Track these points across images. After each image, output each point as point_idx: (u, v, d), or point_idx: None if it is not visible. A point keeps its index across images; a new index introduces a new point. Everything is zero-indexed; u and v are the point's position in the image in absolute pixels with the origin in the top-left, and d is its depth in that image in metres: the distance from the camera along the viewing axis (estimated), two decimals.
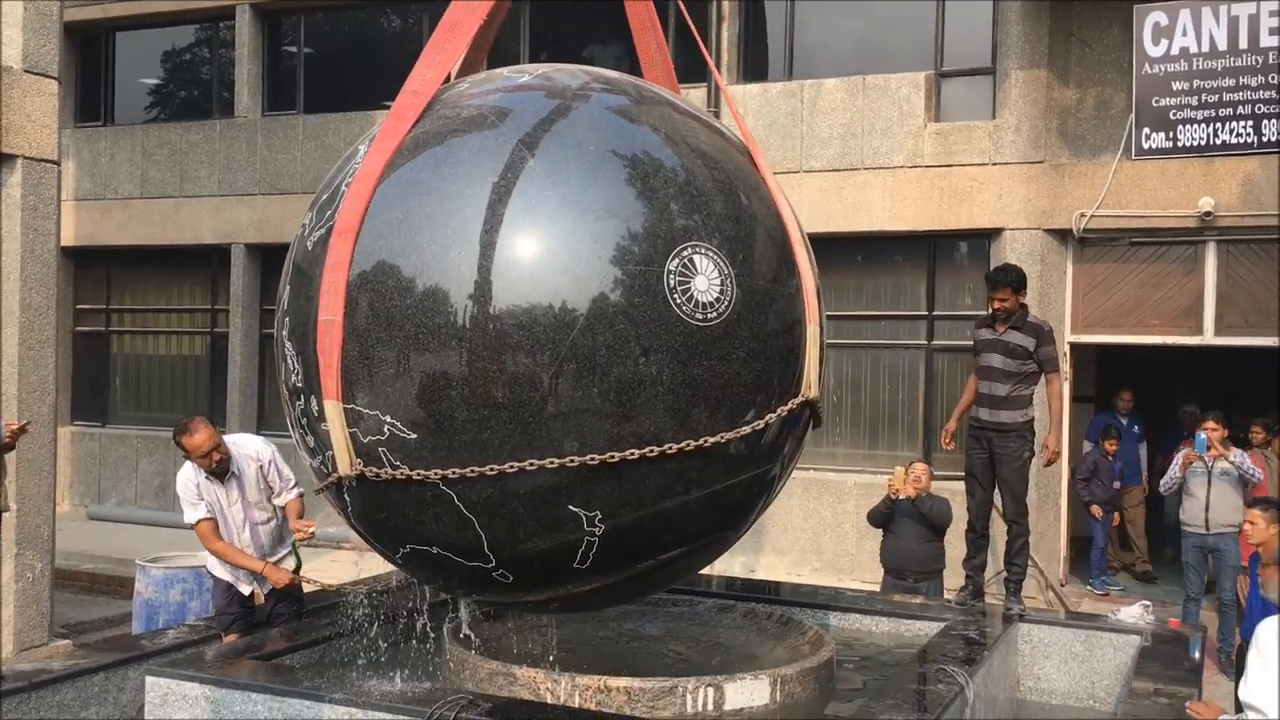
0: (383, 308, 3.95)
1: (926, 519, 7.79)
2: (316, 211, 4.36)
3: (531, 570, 4.20)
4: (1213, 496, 8.69)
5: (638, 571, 4.38)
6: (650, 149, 4.17)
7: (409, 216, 4.01)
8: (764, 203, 4.39)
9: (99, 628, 9.10)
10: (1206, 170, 10.02)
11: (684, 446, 3.93)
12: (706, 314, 3.96)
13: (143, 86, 15.73)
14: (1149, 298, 10.48)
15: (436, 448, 3.92)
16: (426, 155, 4.15)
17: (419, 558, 4.30)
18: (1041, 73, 10.64)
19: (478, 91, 4.48)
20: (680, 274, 3.94)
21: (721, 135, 4.58)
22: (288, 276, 4.45)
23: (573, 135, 4.12)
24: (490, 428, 3.87)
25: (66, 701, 4.86)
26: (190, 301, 15.13)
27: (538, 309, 3.83)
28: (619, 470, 3.90)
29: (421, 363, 3.91)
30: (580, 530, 4.02)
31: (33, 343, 7.74)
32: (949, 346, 11.21)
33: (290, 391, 4.38)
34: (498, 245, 3.89)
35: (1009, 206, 10.72)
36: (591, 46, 13.41)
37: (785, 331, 4.25)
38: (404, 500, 4.07)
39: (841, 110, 11.39)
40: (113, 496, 14.82)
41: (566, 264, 3.88)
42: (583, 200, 3.95)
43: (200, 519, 5.69)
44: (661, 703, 4.51)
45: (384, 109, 14.35)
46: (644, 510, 4.05)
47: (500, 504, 3.96)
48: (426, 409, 3.92)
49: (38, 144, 7.79)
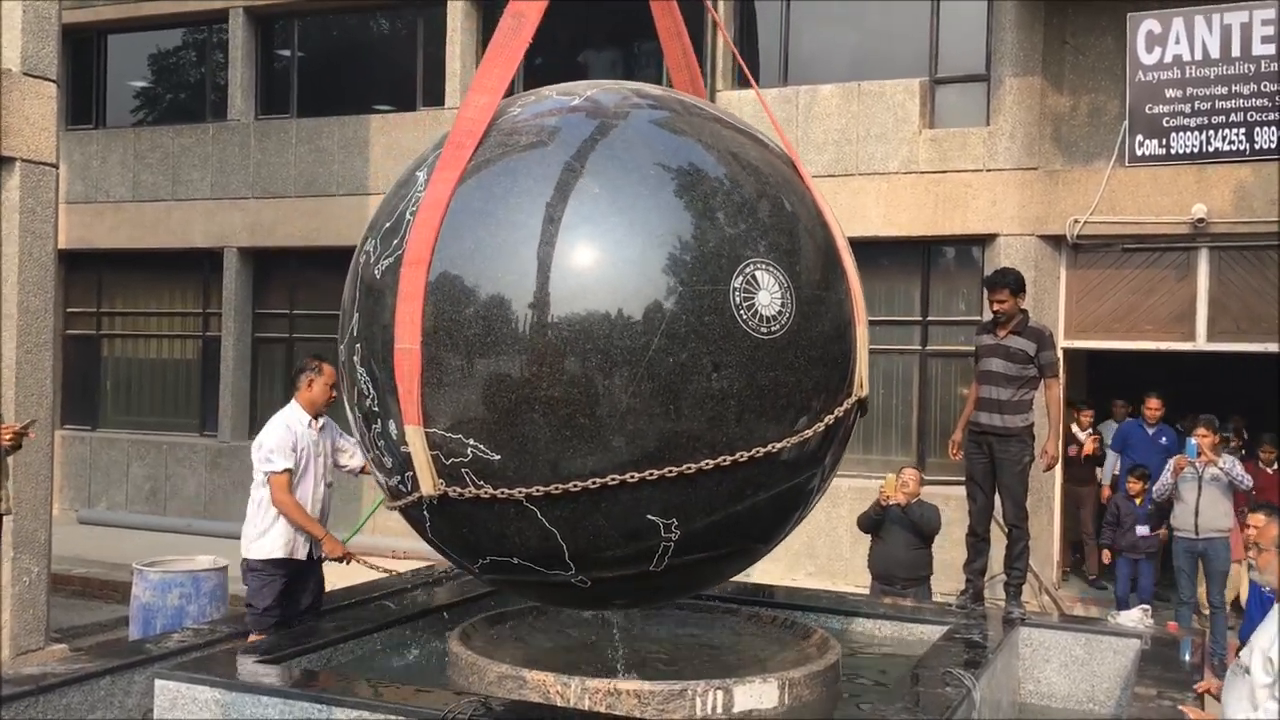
0: (460, 335, 4.09)
1: (915, 526, 7.82)
2: (381, 239, 4.44)
3: (609, 575, 4.38)
4: (1202, 502, 8.81)
5: (703, 570, 4.60)
6: (704, 166, 4.34)
7: (480, 247, 4.13)
8: (810, 212, 4.55)
9: (93, 632, 9.07)
10: (1199, 177, 10.10)
11: (754, 454, 4.14)
12: (770, 327, 4.14)
13: (134, 89, 15.69)
14: (1142, 304, 10.56)
15: (520, 467, 4.09)
16: (492, 184, 4.27)
17: (499, 567, 4.47)
18: (1035, 80, 10.71)
19: (531, 115, 4.56)
20: (745, 291, 4.11)
21: (766, 147, 4.72)
22: (355, 303, 4.52)
23: (631, 158, 4.26)
24: (572, 446, 4.04)
25: (73, 705, 4.84)
26: (182, 305, 15.08)
27: (613, 331, 4.00)
28: (695, 480, 4.09)
29: (500, 386, 4.07)
30: (658, 536, 4.19)
31: (30, 346, 7.70)
32: (943, 351, 11.26)
33: (365, 415, 4.50)
34: (570, 271, 4.05)
35: (1003, 212, 10.78)
36: (586, 51, 13.44)
37: (839, 336, 4.46)
38: (487, 517, 4.23)
39: (836, 116, 11.44)
40: (103, 501, 14.76)
41: (638, 287, 4.03)
42: (648, 224, 4.11)
43: (286, 468, 5.78)
44: (671, 705, 4.52)
45: (377, 113, 14.37)
46: (716, 514, 4.25)
47: (582, 517, 4.14)
48: (509, 431, 4.08)
49: (36, 147, 7.76)
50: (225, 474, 14.08)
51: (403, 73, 13.85)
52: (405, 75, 13.79)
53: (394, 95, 13.90)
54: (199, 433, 14.60)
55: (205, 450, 14.32)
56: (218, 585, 7.19)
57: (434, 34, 13.43)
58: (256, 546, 5.89)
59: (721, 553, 4.51)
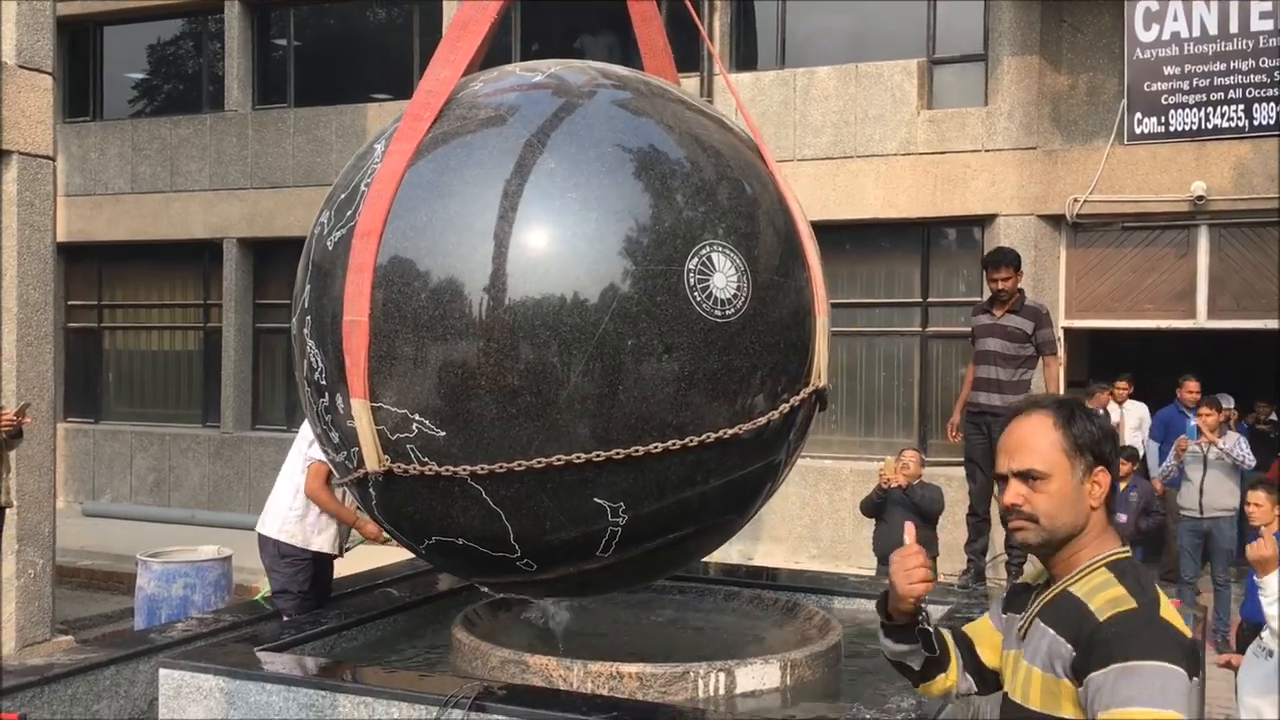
0: (409, 309, 4.01)
1: (918, 508, 7.82)
2: (335, 211, 4.38)
3: (555, 559, 4.29)
4: (1207, 481, 8.82)
5: (652, 556, 4.47)
6: (664, 148, 4.24)
7: (433, 219, 4.06)
8: (772, 196, 4.46)
9: (99, 623, 9.10)
10: (1198, 154, 10.08)
11: (704, 439, 4.05)
12: (725, 310, 4.05)
13: (131, 81, 15.67)
14: (1142, 282, 10.55)
15: (465, 444, 4.00)
16: (447, 157, 4.18)
17: (444, 548, 4.39)
18: (1033, 59, 10.68)
19: (492, 91, 4.49)
20: (699, 272, 4.03)
21: (730, 130, 4.64)
22: (307, 275, 4.46)
23: (590, 135, 4.17)
24: (518, 424, 3.95)
25: (79, 695, 4.87)
26: (183, 297, 15.09)
27: (564, 309, 3.91)
28: (643, 463, 4.01)
29: (449, 362, 3.98)
30: (605, 521, 4.12)
31: (31, 339, 7.72)
32: (943, 333, 11.26)
33: (313, 387, 4.42)
34: (523, 247, 3.97)
35: (1002, 193, 10.77)
36: (583, 37, 13.41)
37: (797, 323, 4.35)
38: (431, 495, 4.16)
39: (834, 98, 11.41)
40: (107, 493, 14.80)
41: (591, 265, 3.95)
42: (604, 201, 4.02)
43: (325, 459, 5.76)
44: (673, 688, 4.53)
45: (374, 101, 14.37)
46: (665, 499, 4.16)
47: (527, 498, 4.06)
48: (454, 407, 4.00)
49: (33, 139, 7.77)
50: (228, 464, 14.11)
51: (400, 61, 13.83)
52: (402, 64, 13.76)
53: (391, 84, 13.88)
54: (201, 424, 14.63)
55: (208, 441, 14.35)
56: (222, 575, 7.22)
57: (430, 22, 13.40)
58: (292, 531, 5.91)
59: (672, 539, 4.41)
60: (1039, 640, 2.20)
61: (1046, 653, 2.17)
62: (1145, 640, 2.04)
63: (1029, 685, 2.21)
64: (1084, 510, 2.23)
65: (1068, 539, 2.23)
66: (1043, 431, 2.24)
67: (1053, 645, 2.16)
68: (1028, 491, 2.23)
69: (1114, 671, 2.02)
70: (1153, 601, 2.12)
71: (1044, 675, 2.17)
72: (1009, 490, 2.26)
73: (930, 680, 2.56)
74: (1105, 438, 2.26)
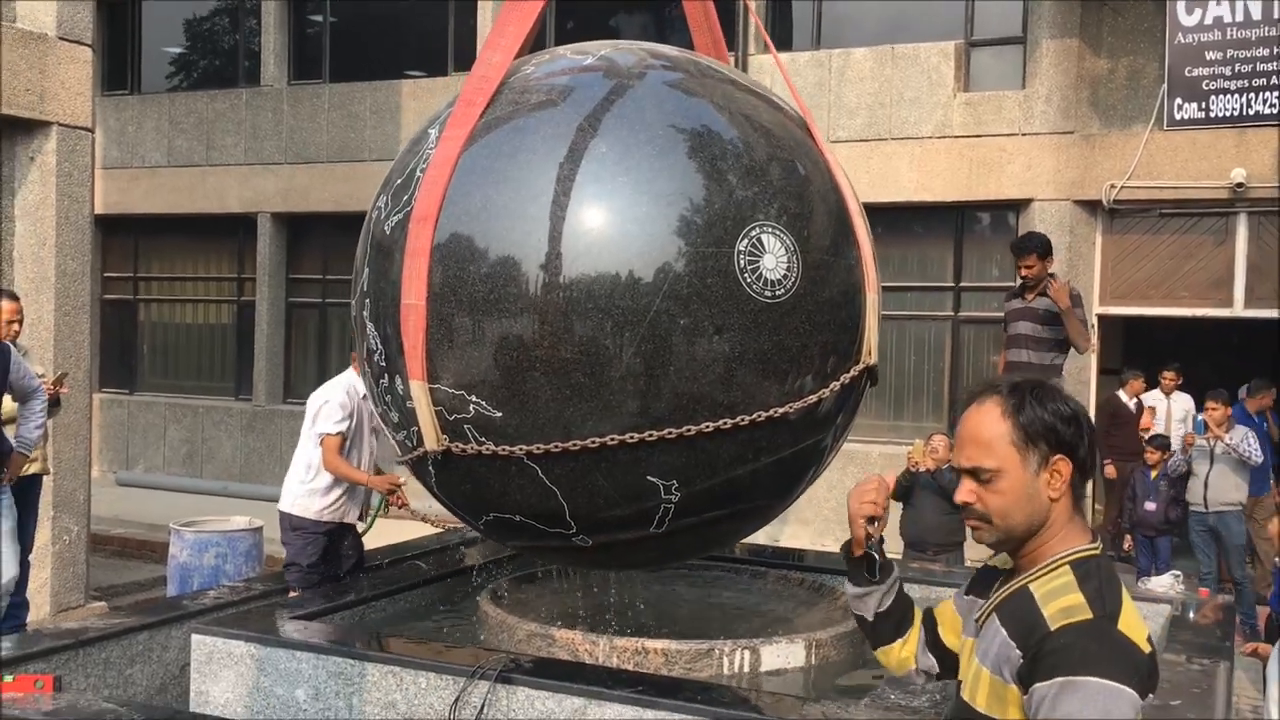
0: (465, 292, 4.10)
1: (945, 491, 7.80)
2: (392, 195, 4.46)
3: (609, 535, 4.38)
4: (1212, 475, 8.84)
5: (704, 532, 4.57)
6: (715, 128, 4.29)
7: (487, 205, 4.13)
8: (823, 176, 4.50)
9: (131, 591, 9.21)
10: (1239, 141, 9.95)
11: (755, 418, 4.11)
12: (775, 291, 4.11)
13: (169, 55, 15.77)
14: (1179, 269, 10.44)
15: (521, 425, 4.10)
16: (500, 143, 4.25)
17: (501, 524, 4.50)
18: (1073, 42, 10.56)
19: (544, 75, 4.54)
20: (749, 254, 4.08)
21: (780, 110, 4.67)
22: (366, 258, 4.55)
23: (640, 118, 4.22)
24: (573, 405, 4.05)
25: (112, 659, 4.94)
26: (217, 270, 15.21)
27: (616, 291, 3.99)
28: (695, 442, 4.07)
29: (504, 344, 4.07)
30: (658, 498, 4.19)
31: (68, 309, 7.81)
32: (976, 318, 11.19)
33: (374, 369, 4.52)
34: (575, 231, 4.04)
35: (1038, 177, 10.67)
36: (618, 15, 13.37)
37: (847, 302, 4.40)
38: (488, 473, 4.25)
39: (870, 80, 11.33)
40: (141, 463, 14.96)
41: (643, 248, 4.02)
42: (655, 185, 4.08)
43: (339, 432, 5.86)
44: (699, 664, 4.56)
45: (409, 78, 14.38)
46: (717, 478, 4.23)
47: (582, 476, 4.15)
48: (510, 388, 4.09)
49: (72, 111, 7.83)
50: (260, 437, 14.24)
51: (434, 38, 13.84)
52: (437, 41, 13.77)
53: (425, 61, 13.89)
54: (234, 396, 14.76)
55: (241, 414, 14.48)
56: (253, 545, 7.30)
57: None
58: (303, 504, 6.00)
59: (724, 515, 4.48)
60: (991, 638, 2.08)
61: (995, 655, 2.05)
62: (1093, 655, 1.91)
63: (977, 685, 2.09)
64: (1043, 504, 2.06)
65: (1028, 535, 2.08)
66: (990, 422, 2.07)
67: (1002, 648, 2.04)
68: (979, 489, 2.08)
69: (1057, 685, 1.91)
70: (1111, 613, 1.98)
71: (992, 678, 2.05)
72: (961, 488, 2.11)
73: (887, 645, 2.48)
74: (1063, 422, 2.05)
